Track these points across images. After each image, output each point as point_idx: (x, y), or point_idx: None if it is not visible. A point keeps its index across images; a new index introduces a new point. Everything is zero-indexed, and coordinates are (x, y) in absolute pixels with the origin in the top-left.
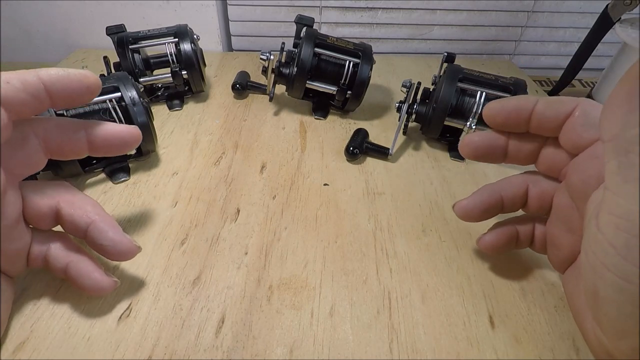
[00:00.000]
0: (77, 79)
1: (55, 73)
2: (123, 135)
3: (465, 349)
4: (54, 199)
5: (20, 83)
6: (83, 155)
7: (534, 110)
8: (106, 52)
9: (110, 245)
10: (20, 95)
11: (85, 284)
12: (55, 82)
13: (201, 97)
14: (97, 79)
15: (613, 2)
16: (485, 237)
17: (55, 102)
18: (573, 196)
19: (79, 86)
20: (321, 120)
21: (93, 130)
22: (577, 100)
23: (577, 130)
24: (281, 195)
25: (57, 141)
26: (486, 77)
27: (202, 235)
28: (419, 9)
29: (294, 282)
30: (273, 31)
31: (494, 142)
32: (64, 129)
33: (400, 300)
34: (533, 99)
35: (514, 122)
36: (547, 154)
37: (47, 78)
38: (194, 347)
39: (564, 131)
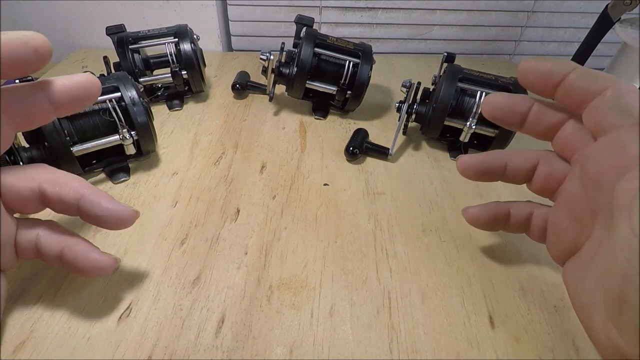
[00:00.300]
0: (22, 42)
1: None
2: (81, 82)
3: (465, 349)
4: (35, 180)
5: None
6: (51, 118)
7: (566, 78)
8: (106, 52)
9: (107, 215)
10: None
11: (84, 265)
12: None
13: (201, 97)
14: (44, 39)
15: (613, 2)
16: (471, 208)
17: (5, 73)
18: (586, 185)
19: (25, 49)
20: (321, 120)
21: (50, 88)
22: (614, 80)
23: (603, 110)
24: (281, 195)
25: (19, 110)
26: (486, 77)
27: (202, 235)
28: (419, 9)
29: (294, 282)
30: (273, 31)
31: (516, 106)
32: (21, 95)
33: (400, 300)
34: (570, 65)
35: (542, 83)
36: (566, 132)
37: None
38: (194, 347)
39: (590, 108)
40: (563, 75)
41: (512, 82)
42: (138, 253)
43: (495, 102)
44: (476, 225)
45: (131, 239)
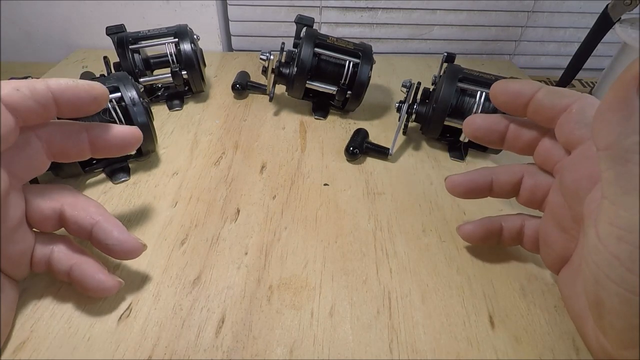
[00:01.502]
0: (85, 90)
1: (65, 83)
2: (125, 136)
3: (465, 349)
4: (58, 201)
5: (29, 91)
6: (85, 157)
7: (533, 97)
8: (106, 52)
9: (117, 245)
10: (28, 103)
11: (90, 285)
12: (63, 92)
13: (201, 97)
14: (104, 90)
15: (613, 2)
16: (465, 225)
17: (62, 111)
18: (565, 195)
19: (87, 96)
20: (321, 120)
21: (95, 132)
22: (578, 95)
23: (570, 125)
24: (281, 195)
25: (60, 144)
26: (486, 77)
27: (202, 235)
28: (419, 9)
29: (294, 282)
30: (273, 31)
31: (493, 126)
32: (66, 131)
33: (400, 300)
34: (537, 85)
35: (514, 103)
36: (545, 146)
37: (55, 87)
38: (194, 347)
39: (559, 124)
40: (531, 94)
41: None
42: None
43: (474, 124)
44: (471, 241)
45: None
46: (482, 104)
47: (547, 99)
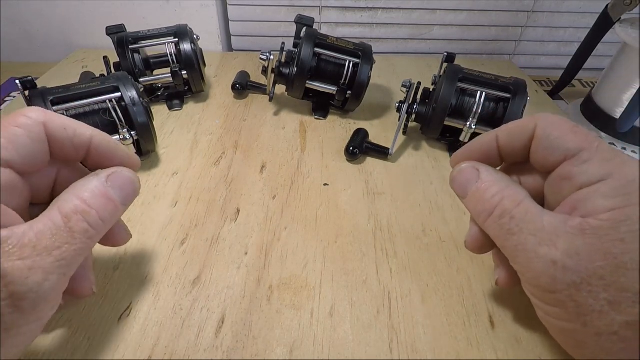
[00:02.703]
0: (122, 158)
1: (107, 144)
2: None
3: (465, 349)
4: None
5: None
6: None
7: (499, 146)
8: (106, 52)
9: (124, 155)
10: (67, 146)
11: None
12: (100, 149)
13: (201, 97)
14: (138, 164)
15: (613, 2)
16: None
17: (89, 163)
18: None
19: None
20: (321, 120)
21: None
22: (535, 119)
23: (540, 154)
24: (281, 195)
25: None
26: (486, 77)
27: (202, 235)
28: (419, 9)
29: (294, 282)
30: (273, 31)
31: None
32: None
33: (400, 300)
34: (492, 135)
35: (487, 162)
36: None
37: (97, 144)
38: (194, 347)
39: (531, 156)
40: (495, 147)
41: (511, 82)
42: (138, 253)
43: (463, 156)
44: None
45: (131, 239)
46: (482, 104)
47: (511, 141)
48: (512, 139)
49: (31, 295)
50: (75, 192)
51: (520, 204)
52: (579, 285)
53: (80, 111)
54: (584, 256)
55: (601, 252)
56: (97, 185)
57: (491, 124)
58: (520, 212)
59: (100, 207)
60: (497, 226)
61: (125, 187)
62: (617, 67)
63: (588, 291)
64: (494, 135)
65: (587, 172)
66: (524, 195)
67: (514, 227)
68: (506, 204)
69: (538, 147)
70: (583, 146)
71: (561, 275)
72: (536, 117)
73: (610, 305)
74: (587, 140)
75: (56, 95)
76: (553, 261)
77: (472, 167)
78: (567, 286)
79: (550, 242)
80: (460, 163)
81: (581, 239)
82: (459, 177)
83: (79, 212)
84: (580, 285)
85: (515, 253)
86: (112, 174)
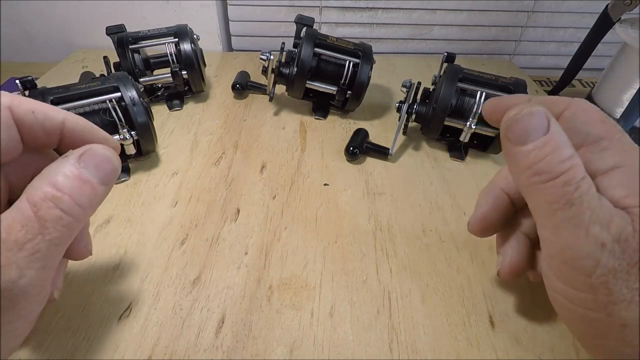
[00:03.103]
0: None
1: (82, 125)
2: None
3: (465, 349)
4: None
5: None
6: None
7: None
8: (106, 52)
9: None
10: (37, 130)
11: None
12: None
13: (201, 97)
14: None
15: (613, 2)
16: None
17: (64, 146)
18: None
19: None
20: (321, 120)
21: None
22: (569, 101)
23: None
24: (281, 195)
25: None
26: (486, 77)
27: (202, 235)
28: (419, 9)
29: (294, 282)
30: (273, 31)
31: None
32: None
33: (400, 300)
34: (526, 98)
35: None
36: None
37: (70, 127)
38: (194, 347)
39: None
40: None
41: (511, 82)
42: (138, 253)
43: (499, 106)
44: (485, 232)
45: (131, 239)
46: (482, 104)
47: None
48: (548, 107)
49: (6, 293)
50: (44, 178)
51: (586, 176)
52: (618, 272)
53: (80, 111)
54: (630, 243)
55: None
56: (69, 167)
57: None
58: (587, 184)
59: (74, 191)
60: (559, 192)
61: (101, 165)
62: (617, 67)
63: (625, 279)
64: (529, 98)
65: (604, 159)
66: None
67: (577, 197)
68: (576, 172)
69: (563, 124)
70: (605, 135)
71: (605, 259)
72: (570, 99)
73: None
74: (611, 130)
75: (56, 95)
76: (603, 243)
77: (545, 114)
78: (607, 272)
79: (605, 222)
80: (530, 105)
81: (631, 226)
82: (526, 120)
83: (48, 199)
84: (619, 274)
85: (565, 225)
86: (84, 153)
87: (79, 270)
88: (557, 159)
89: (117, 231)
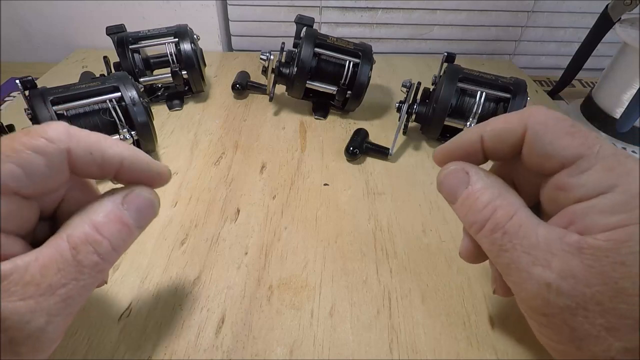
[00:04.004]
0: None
1: (139, 163)
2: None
3: (465, 349)
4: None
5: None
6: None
7: (484, 148)
8: (106, 52)
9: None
10: (92, 169)
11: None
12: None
13: (201, 97)
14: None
15: (613, 2)
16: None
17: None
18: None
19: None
20: (321, 120)
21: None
22: (525, 118)
23: (534, 160)
24: (281, 195)
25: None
26: (486, 77)
27: (202, 235)
28: (419, 9)
29: (294, 282)
30: (273, 31)
31: (464, 146)
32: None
33: (400, 300)
34: (476, 133)
35: (472, 161)
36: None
37: (127, 164)
38: (194, 347)
39: (524, 160)
40: (478, 147)
41: (511, 82)
42: (138, 253)
43: (446, 154)
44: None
45: None
46: (482, 104)
47: (496, 143)
48: (499, 141)
49: (31, 341)
50: (86, 217)
51: (514, 216)
52: (574, 309)
53: (80, 111)
54: (580, 279)
55: (599, 276)
56: (112, 208)
57: None
58: (514, 226)
59: (113, 234)
60: (489, 241)
61: (143, 209)
62: (617, 67)
63: (584, 316)
64: (478, 136)
65: (586, 184)
66: (517, 205)
67: (507, 243)
68: (498, 216)
69: (530, 152)
70: (581, 152)
71: (555, 298)
72: (526, 114)
73: (607, 332)
74: (585, 143)
75: (56, 95)
76: (547, 283)
77: (461, 170)
78: (560, 310)
79: (545, 262)
80: (448, 164)
81: (578, 259)
82: (446, 180)
83: (89, 242)
84: (575, 310)
85: (507, 271)
86: (128, 195)
87: None
88: (479, 208)
89: None
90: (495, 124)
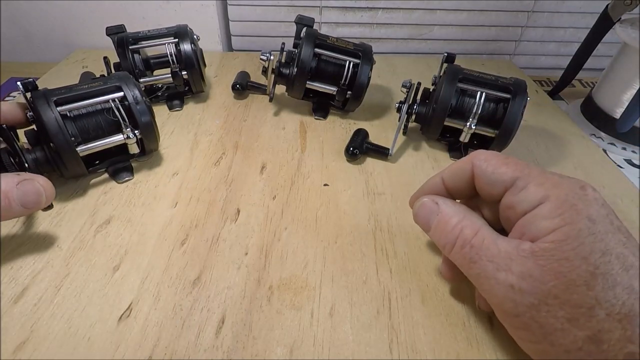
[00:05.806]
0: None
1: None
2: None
3: (465, 349)
4: None
5: None
6: None
7: (446, 187)
8: (106, 52)
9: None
10: None
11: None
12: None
13: (201, 97)
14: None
15: (613, 2)
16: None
17: None
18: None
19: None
20: (321, 121)
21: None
22: (470, 158)
23: (485, 189)
24: (281, 195)
25: None
26: (486, 77)
27: (202, 235)
28: (419, 9)
29: (294, 282)
30: (273, 31)
31: (432, 189)
32: None
33: (400, 300)
34: (438, 176)
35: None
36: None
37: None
38: (194, 347)
39: (478, 191)
40: (442, 189)
41: (511, 82)
42: (138, 253)
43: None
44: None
45: (131, 239)
46: (482, 104)
47: (455, 182)
48: (456, 180)
49: None
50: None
51: (478, 232)
52: (537, 306)
53: (83, 111)
54: (536, 277)
55: (551, 272)
56: (8, 182)
57: (491, 124)
58: (478, 239)
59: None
60: (460, 256)
61: (29, 193)
62: (617, 67)
63: (547, 311)
64: (440, 178)
65: (526, 198)
66: (480, 223)
67: (474, 255)
68: (466, 233)
69: (480, 184)
70: (516, 174)
71: (520, 297)
72: (472, 156)
73: (569, 322)
74: (518, 168)
75: (59, 96)
76: (510, 285)
77: (431, 201)
78: (527, 308)
79: (506, 267)
80: (420, 198)
81: (532, 261)
82: (420, 211)
83: None
84: (538, 306)
85: (479, 280)
86: (26, 179)
87: (79, 271)
88: (449, 229)
89: (117, 231)
90: (450, 166)
